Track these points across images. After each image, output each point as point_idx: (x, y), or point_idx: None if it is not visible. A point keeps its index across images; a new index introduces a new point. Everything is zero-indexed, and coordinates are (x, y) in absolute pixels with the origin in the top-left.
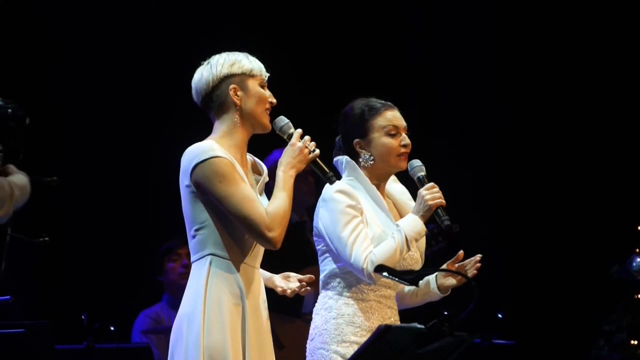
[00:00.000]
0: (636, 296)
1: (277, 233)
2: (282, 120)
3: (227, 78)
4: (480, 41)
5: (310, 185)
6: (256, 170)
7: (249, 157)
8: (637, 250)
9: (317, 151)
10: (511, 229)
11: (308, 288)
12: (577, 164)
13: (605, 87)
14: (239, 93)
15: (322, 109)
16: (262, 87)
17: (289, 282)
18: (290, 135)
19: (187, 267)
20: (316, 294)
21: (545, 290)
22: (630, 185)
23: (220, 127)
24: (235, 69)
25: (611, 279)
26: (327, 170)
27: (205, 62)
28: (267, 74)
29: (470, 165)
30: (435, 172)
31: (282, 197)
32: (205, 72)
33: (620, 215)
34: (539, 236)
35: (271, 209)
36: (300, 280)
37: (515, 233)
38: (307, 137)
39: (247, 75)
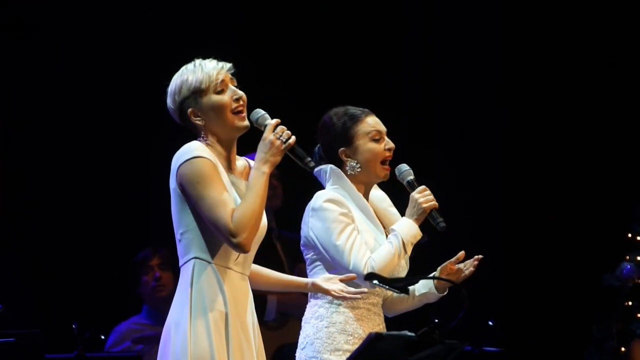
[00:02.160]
0: (626, 303)
1: (242, 238)
2: (257, 112)
3: (182, 104)
4: (480, 41)
5: (274, 188)
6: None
7: (245, 161)
8: (628, 257)
9: (293, 139)
10: (503, 235)
11: (364, 290)
12: (568, 171)
13: (606, 89)
14: (198, 114)
15: (320, 113)
16: (220, 91)
17: (336, 284)
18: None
19: (159, 280)
20: (278, 302)
21: (536, 298)
22: (621, 193)
23: (203, 141)
24: (185, 92)
25: (602, 286)
26: (305, 156)
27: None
28: (224, 71)
29: (469, 166)
30: (434, 172)
31: (250, 198)
32: (168, 106)
33: (611, 222)
34: (528, 244)
35: (237, 213)
36: (341, 280)
37: (507, 240)
38: (280, 127)
39: (197, 92)
